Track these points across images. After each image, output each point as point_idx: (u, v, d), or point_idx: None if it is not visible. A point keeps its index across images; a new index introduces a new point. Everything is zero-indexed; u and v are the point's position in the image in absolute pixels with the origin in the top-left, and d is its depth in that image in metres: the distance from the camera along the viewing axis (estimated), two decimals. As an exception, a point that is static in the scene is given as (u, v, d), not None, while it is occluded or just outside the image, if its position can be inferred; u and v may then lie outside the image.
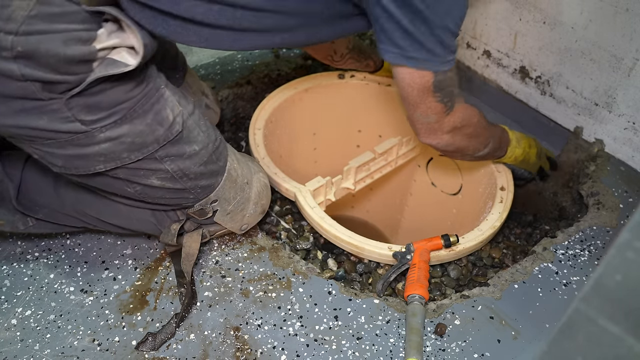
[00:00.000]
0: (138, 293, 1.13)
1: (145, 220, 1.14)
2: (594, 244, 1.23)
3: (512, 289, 1.14)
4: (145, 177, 1.00)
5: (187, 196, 1.08)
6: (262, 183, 1.20)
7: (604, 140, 1.44)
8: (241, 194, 1.14)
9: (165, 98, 0.97)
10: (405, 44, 0.93)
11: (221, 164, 1.09)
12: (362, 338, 1.05)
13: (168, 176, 1.01)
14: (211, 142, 1.06)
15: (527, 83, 1.55)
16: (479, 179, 1.47)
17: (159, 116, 0.95)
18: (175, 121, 0.97)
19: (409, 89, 1.00)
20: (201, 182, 1.07)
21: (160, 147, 0.97)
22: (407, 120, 1.11)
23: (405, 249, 1.18)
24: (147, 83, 0.94)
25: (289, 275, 1.16)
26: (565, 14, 1.35)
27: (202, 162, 1.04)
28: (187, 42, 1.00)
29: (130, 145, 0.94)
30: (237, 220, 1.17)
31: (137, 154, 0.95)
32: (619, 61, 1.29)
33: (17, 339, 1.04)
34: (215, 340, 1.04)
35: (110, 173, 0.98)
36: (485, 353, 1.03)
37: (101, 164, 0.95)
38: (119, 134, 0.92)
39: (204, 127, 1.05)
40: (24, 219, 1.13)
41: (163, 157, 0.98)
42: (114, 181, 1.01)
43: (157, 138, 0.96)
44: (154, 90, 0.95)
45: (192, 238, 1.15)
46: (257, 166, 1.23)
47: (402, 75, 0.99)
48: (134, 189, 1.03)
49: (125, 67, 0.86)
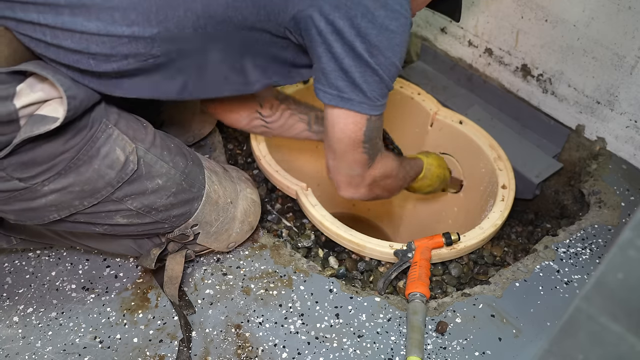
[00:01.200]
0: (139, 291, 1.13)
1: (126, 246, 1.11)
2: (595, 243, 1.23)
3: (513, 287, 1.14)
4: (108, 218, 0.96)
5: (162, 226, 1.03)
6: (250, 200, 1.14)
7: (605, 139, 1.43)
8: (224, 215, 1.09)
9: (114, 138, 0.90)
10: (342, 84, 0.92)
11: (195, 190, 1.03)
12: (363, 336, 1.05)
13: (133, 214, 0.97)
14: (179, 172, 0.99)
15: (528, 81, 1.55)
16: (481, 177, 1.47)
17: (107, 159, 0.89)
18: (129, 160, 0.91)
19: (341, 135, 0.98)
20: (173, 212, 1.01)
21: (116, 189, 0.91)
22: (327, 171, 1.09)
23: (406, 247, 1.18)
24: (91, 127, 0.87)
25: (290, 273, 1.16)
26: (568, 11, 1.35)
27: (169, 194, 0.98)
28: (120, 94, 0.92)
29: (80, 193, 0.89)
30: (222, 240, 1.13)
31: (90, 199, 0.91)
32: (621, 59, 1.29)
33: (19, 336, 1.05)
34: (217, 337, 1.04)
35: (69, 219, 0.94)
36: (486, 351, 1.03)
37: (54, 213, 0.91)
38: (64, 185, 0.87)
39: (168, 157, 0.98)
40: (7, 239, 1.12)
41: (122, 198, 0.93)
42: (77, 225, 0.97)
43: (110, 182, 0.90)
44: (100, 132, 0.88)
45: (175, 260, 1.10)
46: (244, 182, 1.17)
47: (336, 118, 0.97)
48: (101, 228, 0.98)
49: (53, 123, 0.79)
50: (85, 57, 0.83)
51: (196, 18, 0.84)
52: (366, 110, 0.95)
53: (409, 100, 1.59)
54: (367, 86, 0.93)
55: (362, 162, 1.03)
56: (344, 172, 1.05)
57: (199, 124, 1.41)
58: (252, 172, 1.47)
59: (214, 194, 1.06)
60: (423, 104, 1.56)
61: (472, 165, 1.50)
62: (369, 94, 0.93)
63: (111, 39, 0.81)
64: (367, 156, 1.03)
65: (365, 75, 0.91)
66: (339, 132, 0.98)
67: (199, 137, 1.41)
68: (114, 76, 0.88)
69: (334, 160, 1.04)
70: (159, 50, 0.85)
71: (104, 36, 0.81)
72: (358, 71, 0.91)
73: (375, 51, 0.89)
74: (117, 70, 0.86)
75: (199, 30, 0.85)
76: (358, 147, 1.00)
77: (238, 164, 1.50)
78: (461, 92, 1.70)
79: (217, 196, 1.07)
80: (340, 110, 0.96)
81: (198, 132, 1.41)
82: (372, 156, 1.04)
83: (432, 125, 1.57)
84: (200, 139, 1.42)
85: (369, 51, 0.89)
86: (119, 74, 0.87)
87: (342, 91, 0.93)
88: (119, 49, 0.83)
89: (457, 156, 1.55)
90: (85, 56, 0.83)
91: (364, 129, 0.97)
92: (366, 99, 0.94)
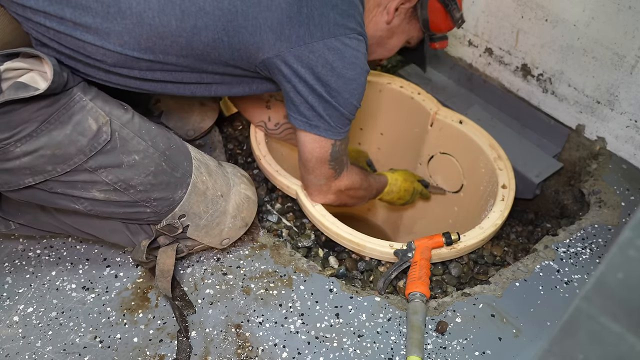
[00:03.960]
0: (139, 290, 1.13)
1: (119, 232, 1.12)
2: (595, 242, 1.23)
3: (513, 287, 1.14)
4: (84, 190, 0.98)
5: (143, 210, 1.04)
6: (243, 195, 1.16)
7: (605, 138, 1.43)
8: (214, 208, 1.10)
9: (87, 109, 0.94)
10: (310, 114, 1.07)
11: (178, 175, 1.05)
12: (363, 335, 1.05)
13: (110, 188, 0.99)
14: (158, 152, 1.02)
15: (529, 81, 1.55)
16: (481, 177, 1.47)
17: (79, 126, 0.93)
18: (101, 130, 0.95)
19: (309, 155, 1.14)
20: (153, 194, 1.02)
21: (89, 158, 0.94)
22: (300, 179, 1.27)
23: (406, 247, 1.18)
24: (65, 97, 0.93)
25: (290, 273, 1.16)
26: (568, 11, 1.35)
27: (148, 172, 1.00)
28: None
29: (52, 157, 0.92)
30: (214, 235, 1.13)
31: (63, 165, 0.94)
32: (621, 59, 1.29)
33: (19, 336, 1.05)
34: (217, 337, 1.04)
35: (45, 187, 0.96)
36: (486, 351, 1.03)
37: (29, 177, 0.93)
38: (35, 146, 0.90)
39: (147, 135, 1.01)
40: (6, 223, 1.14)
41: (96, 168, 0.96)
42: (54, 196, 0.99)
43: (81, 148, 0.93)
44: (72, 102, 0.93)
45: (166, 254, 1.11)
46: (239, 177, 1.19)
47: (305, 140, 1.12)
48: (81, 205, 1.00)
49: (35, 91, 0.85)
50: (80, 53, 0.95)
51: (180, 49, 0.97)
52: (331, 136, 1.11)
53: (409, 100, 1.59)
54: (330, 118, 1.08)
55: (329, 175, 1.19)
56: (313, 182, 1.22)
57: (199, 117, 1.40)
58: (252, 172, 1.47)
59: (201, 184, 1.08)
60: (423, 104, 1.56)
61: (472, 165, 1.50)
62: (332, 124, 1.09)
63: (104, 50, 0.94)
64: (333, 171, 1.18)
65: (327, 110, 1.06)
66: (308, 152, 1.14)
67: (198, 130, 1.41)
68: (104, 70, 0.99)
69: (305, 173, 1.21)
70: (144, 66, 0.99)
71: (99, 47, 0.93)
72: (321, 107, 1.06)
73: (334, 93, 1.04)
74: (106, 69, 0.99)
75: (181, 58, 0.99)
76: (325, 164, 1.16)
77: (238, 164, 1.50)
78: (461, 92, 1.70)
79: (206, 187, 1.09)
80: (308, 135, 1.11)
81: (198, 126, 1.40)
82: (338, 171, 1.20)
83: (432, 125, 1.57)
84: (200, 134, 1.42)
85: (329, 93, 1.04)
86: (108, 71, 1.00)
87: (309, 119, 1.08)
88: (110, 57, 0.95)
89: (457, 156, 1.55)
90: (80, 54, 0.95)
91: (330, 151, 1.13)
92: (330, 127, 1.09)
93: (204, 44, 0.96)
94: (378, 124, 1.72)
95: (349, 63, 1.03)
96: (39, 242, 1.22)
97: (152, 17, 0.92)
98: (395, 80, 1.62)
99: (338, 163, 1.17)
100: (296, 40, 0.98)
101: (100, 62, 0.96)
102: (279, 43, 0.98)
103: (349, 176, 1.24)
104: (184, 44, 0.96)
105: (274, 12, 0.96)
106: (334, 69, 1.02)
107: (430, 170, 1.67)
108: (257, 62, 1.02)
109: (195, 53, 0.98)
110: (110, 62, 0.96)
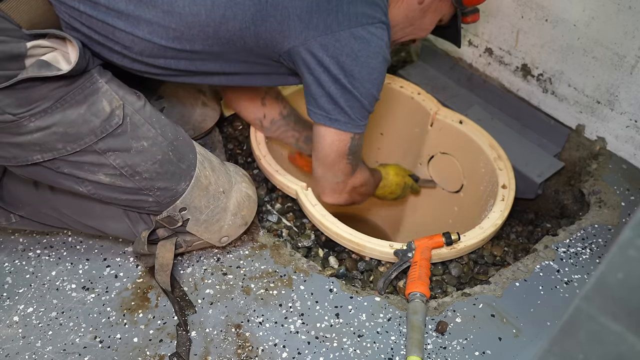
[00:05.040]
0: (139, 290, 1.13)
1: (118, 219, 1.12)
2: (595, 242, 1.23)
3: (513, 287, 1.14)
4: (91, 172, 0.98)
5: (146, 198, 1.04)
6: (244, 194, 1.16)
7: (605, 138, 1.43)
8: (215, 203, 1.10)
9: (102, 91, 0.95)
10: (330, 108, 1.07)
11: (183, 167, 1.05)
12: (363, 335, 1.05)
13: (116, 173, 0.99)
14: (167, 141, 1.02)
15: (529, 81, 1.55)
16: (481, 177, 1.47)
17: (93, 107, 0.94)
18: (114, 114, 0.96)
19: (328, 150, 1.14)
20: (158, 183, 1.03)
21: (100, 140, 0.95)
22: (314, 179, 1.24)
23: (406, 247, 1.18)
24: (82, 78, 0.94)
25: (290, 273, 1.16)
26: (568, 11, 1.35)
27: (155, 160, 1.01)
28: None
29: (64, 135, 0.93)
30: (214, 231, 1.13)
31: (73, 145, 0.94)
32: (621, 59, 1.29)
33: (19, 336, 1.05)
34: (217, 337, 1.04)
35: (52, 166, 0.96)
36: (486, 351, 1.03)
37: (38, 153, 0.94)
38: (49, 123, 0.91)
39: (157, 124, 1.02)
40: (7, 215, 1.14)
41: (105, 150, 0.96)
42: (60, 176, 0.99)
43: (93, 129, 0.94)
44: (89, 83, 0.94)
45: (165, 247, 1.11)
46: (240, 176, 1.19)
47: (324, 134, 1.12)
48: (85, 187, 1.01)
49: (57, 72, 0.87)
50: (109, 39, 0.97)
51: (206, 38, 0.98)
52: (350, 129, 1.10)
53: (409, 100, 1.59)
54: (350, 110, 1.08)
55: (347, 172, 1.19)
56: (329, 180, 1.20)
57: (200, 117, 1.40)
58: (252, 172, 1.47)
59: (204, 179, 1.08)
60: (423, 104, 1.56)
61: (472, 165, 1.50)
62: (352, 116, 1.09)
63: (133, 37, 0.96)
64: (350, 166, 1.18)
65: (349, 102, 1.07)
66: (327, 147, 1.14)
67: (199, 130, 1.41)
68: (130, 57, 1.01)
69: (322, 169, 1.19)
70: (170, 54, 1.00)
71: (128, 34, 0.95)
72: (343, 98, 1.06)
73: (357, 83, 1.05)
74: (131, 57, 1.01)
75: (206, 47, 1.00)
76: (343, 159, 1.16)
77: (238, 164, 1.50)
78: (461, 92, 1.70)
79: (208, 182, 1.09)
80: (328, 129, 1.11)
81: (198, 125, 1.41)
82: (354, 167, 1.20)
83: (432, 125, 1.57)
84: (200, 134, 1.42)
85: (351, 83, 1.04)
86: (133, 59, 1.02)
87: (329, 113, 1.08)
88: (138, 44, 0.97)
89: (457, 156, 1.55)
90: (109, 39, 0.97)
91: (349, 145, 1.13)
92: (350, 120, 1.09)
93: (230, 33, 0.98)
94: (378, 124, 1.72)
95: (374, 52, 1.03)
96: (39, 242, 1.22)
97: (182, 6, 0.94)
98: (395, 80, 1.62)
99: (355, 158, 1.17)
100: (323, 28, 0.99)
101: (128, 49, 0.97)
102: (306, 31, 0.99)
103: (362, 172, 1.25)
104: (210, 33, 0.97)
105: (304, 1, 0.98)
106: (358, 58, 1.02)
107: (430, 170, 1.67)
108: (282, 51, 1.02)
109: (221, 42, 0.99)
110: (137, 50, 0.98)
